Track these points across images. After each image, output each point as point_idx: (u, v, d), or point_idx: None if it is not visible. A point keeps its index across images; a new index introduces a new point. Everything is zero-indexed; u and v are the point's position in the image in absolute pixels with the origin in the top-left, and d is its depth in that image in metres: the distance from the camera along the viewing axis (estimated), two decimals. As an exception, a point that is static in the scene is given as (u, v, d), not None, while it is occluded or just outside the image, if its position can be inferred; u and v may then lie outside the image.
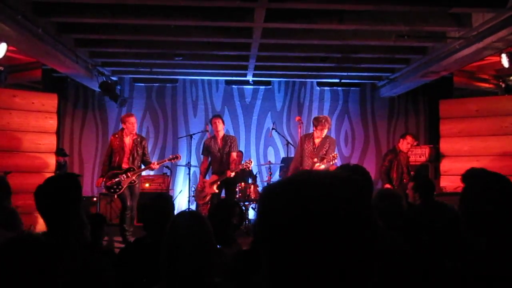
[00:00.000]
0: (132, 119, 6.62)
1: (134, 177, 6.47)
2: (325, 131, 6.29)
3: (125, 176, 6.44)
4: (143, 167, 6.66)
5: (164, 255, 1.95)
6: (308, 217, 0.77)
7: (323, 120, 6.24)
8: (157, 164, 6.69)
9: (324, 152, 6.22)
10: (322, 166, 6.08)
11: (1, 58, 5.71)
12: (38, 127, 7.33)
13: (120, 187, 6.41)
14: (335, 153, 6.26)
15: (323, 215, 0.77)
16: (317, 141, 6.31)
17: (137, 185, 6.55)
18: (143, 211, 3.06)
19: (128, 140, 6.56)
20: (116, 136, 6.64)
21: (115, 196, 6.49)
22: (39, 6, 5.38)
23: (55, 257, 1.52)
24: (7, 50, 5.75)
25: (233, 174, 6.59)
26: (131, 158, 6.51)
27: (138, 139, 6.64)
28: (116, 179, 6.39)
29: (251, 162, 6.83)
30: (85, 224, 2.93)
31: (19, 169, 6.75)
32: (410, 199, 4.34)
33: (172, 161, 6.93)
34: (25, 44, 5.89)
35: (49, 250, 1.51)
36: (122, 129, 6.64)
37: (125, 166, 6.48)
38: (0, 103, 6.89)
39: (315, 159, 6.20)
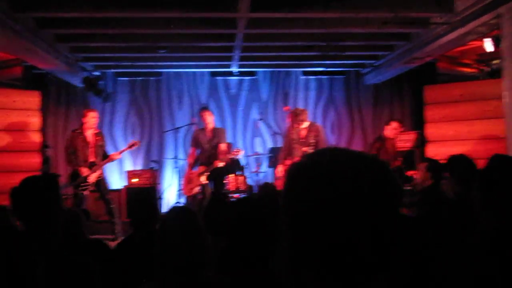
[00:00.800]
0: (93, 114, 6.74)
1: (99, 171, 6.49)
2: (305, 121, 6.33)
3: (90, 172, 6.43)
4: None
5: (157, 252, 1.94)
6: (336, 195, 0.78)
7: (298, 112, 6.31)
8: (118, 154, 6.75)
9: (313, 141, 6.26)
10: None
11: (-20, 56, 5.57)
12: (21, 126, 7.21)
13: (87, 183, 6.41)
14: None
15: (351, 192, 0.78)
16: (303, 132, 6.34)
17: (104, 179, 6.60)
18: (130, 207, 3.03)
19: (89, 135, 6.57)
20: (77, 131, 6.62)
21: (84, 193, 6.50)
22: (16, 2, 5.23)
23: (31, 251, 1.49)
24: (-15, 48, 5.62)
25: (221, 164, 6.56)
26: (96, 153, 6.53)
27: (100, 134, 6.76)
28: (81, 177, 6.40)
29: (239, 151, 6.82)
30: (85, 222, 2.89)
31: (3, 168, 6.64)
32: (419, 180, 4.43)
33: (132, 147, 6.94)
34: (4, 41, 5.73)
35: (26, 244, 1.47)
36: (81, 124, 6.65)
37: (91, 160, 6.49)
38: (-20, 102, 6.75)
39: (304, 148, 6.24)
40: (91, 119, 6.60)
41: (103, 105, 9.08)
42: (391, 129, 6.82)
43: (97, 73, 8.74)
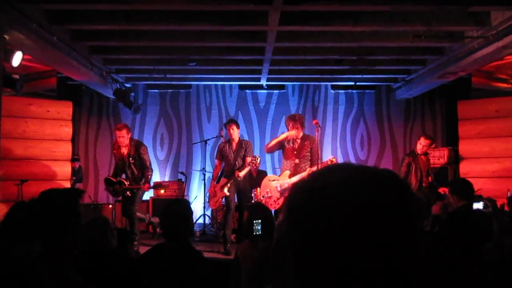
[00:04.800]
0: (118, 133, 6.34)
1: (127, 192, 6.37)
2: (301, 129, 6.04)
3: (118, 187, 6.41)
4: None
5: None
6: (343, 218, 0.71)
7: (296, 117, 6.08)
8: (147, 187, 6.47)
9: (307, 154, 5.97)
10: None
11: (17, 67, 5.73)
12: (53, 135, 7.36)
13: (116, 195, 6.53)
14: (333, 157, 6.12)
15: (357, 215, 0.70)
16: (297, 143, 6.05)
17: (133, 195, 6.39)
18: (163, 218, 3.00)
19: (124, 150, 6.44)
20: (116, 146, 6.57)
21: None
22: (53, 14, 5.40)
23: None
24: (23, 59, 5.78)
25: (241, 174, 6.37)
26: (129, 169, 6.40)
27: (133, 148, 6.40)
28: (111, 187, 6.50)
29: (257, 158, 6.57)
30: (112, 230, 2.90)
31: (35, 177, 6.77)
32: (451, 204, 4.27)
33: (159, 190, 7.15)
34: (40, 52, 5.92)
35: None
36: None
37: (125, 175, 6.45)
38: (16, 112, 6.92)
39: (297, 160, 5.97)
40: (118, 138, 6.38)
41: (133, 116, 9.23)
42: (419, 144, 6.60)
43: (128, 85, 8.90)
